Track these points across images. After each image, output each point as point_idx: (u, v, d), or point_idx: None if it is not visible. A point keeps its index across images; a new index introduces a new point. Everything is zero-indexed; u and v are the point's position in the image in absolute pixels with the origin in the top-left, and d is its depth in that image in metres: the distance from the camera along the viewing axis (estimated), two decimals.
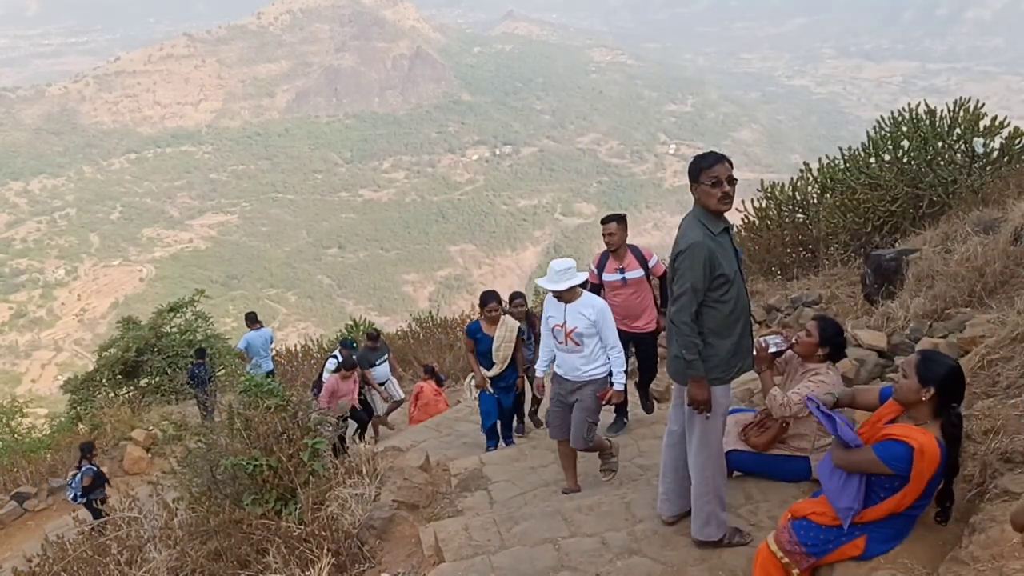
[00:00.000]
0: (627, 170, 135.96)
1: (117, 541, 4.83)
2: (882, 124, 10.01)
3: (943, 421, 2.95)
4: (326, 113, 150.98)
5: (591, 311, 4.75)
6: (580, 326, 4.74)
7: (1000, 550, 2.65)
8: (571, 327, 4.75)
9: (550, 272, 4.76)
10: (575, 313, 4.76)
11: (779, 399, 3.93)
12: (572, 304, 4.80)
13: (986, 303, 5.16)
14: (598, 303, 4.82)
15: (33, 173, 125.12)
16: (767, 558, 3.19)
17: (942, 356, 3.09)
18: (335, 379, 8.85)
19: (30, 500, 9.53)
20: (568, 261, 4.75)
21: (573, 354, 4.81)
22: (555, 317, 4.87)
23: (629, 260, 5.74)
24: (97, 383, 14.77)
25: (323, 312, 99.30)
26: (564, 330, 4.79)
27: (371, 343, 10.13)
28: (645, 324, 5.85)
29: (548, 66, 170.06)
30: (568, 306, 4.80)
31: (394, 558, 4.25)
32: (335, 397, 8.82)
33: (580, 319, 4.75)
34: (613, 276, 5.76)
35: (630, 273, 5.72)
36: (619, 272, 5.74)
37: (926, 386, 2.93)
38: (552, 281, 4.73)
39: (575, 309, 4.77)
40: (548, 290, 4.81)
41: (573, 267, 4.75)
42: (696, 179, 3.39)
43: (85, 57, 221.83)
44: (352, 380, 9.04)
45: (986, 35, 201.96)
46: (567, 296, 4.80)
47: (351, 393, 9.00)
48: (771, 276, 11.17)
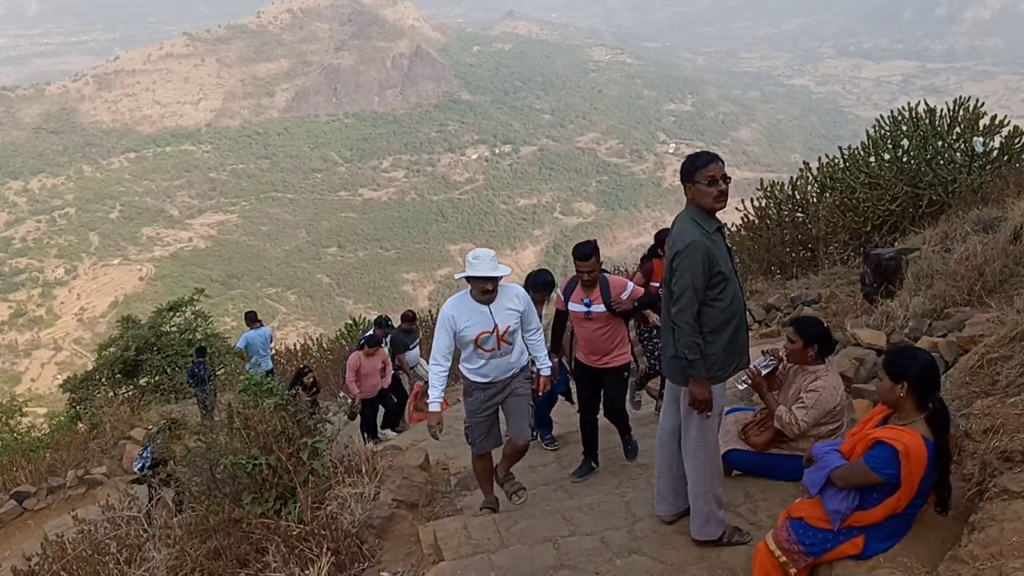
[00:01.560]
0: (627, 169, 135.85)
1: (116, 540, 4.82)
2: (882, 123, 10.02)
3: (927, 414, 2.96)
4: (326, 112, 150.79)
5: (517, 300, 4.30)
6: (512, 323, 4.26)
7: (999, 549, 2.64)
8: (504, 327, 4.23)
9: (479, 260, 4.12)
10: (503, 311, 4.24)
11: (786, 418, 3.95)
12: (496, 303, 4.23)
13: (985, 302, 5.16)
14: (517, 288, 4.40)
15: (33, 172, 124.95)
16: (765, 557, 3.19)
17: (910, 350, 3.11)
18: (358, 356, 8.66)
19: (29, 499, 9.52)
20: (490, 251, 4.20)
21: (505, 356, 4.32)
22: (478, 324, 4.21)
23: (596, 294, 5.03)
24: (96, 382, 14.76)
25: (323, 311, 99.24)
26: (496, 335, 4.22)
27: (407, 324, 9.80)
28: (611, 360, 5.12)
29: (548, 65, 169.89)
30: (493, 307, 4.23)
31: (393, 557, 4.25)
32: (360, 376, 8.65)
33: (510, 315, 4.26)
34: (577, 307, 5.08)
35: (596, 307, 5.02)
36: (584, 304, 5.04)
37: (899, 383, 2.94)
38: (490, 268, 4.11)
39: (502, 307, 4.25)
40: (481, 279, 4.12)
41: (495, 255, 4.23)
42: (691, 179, 3.41)
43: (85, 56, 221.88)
44: (378, 359, 8.81)
45: (985, 35, 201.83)
46: (488, 295, 4.18)
47: (377, 373, 8.77)
48: (771, 275, 11.18)
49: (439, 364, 4.27)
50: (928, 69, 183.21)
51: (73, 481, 9.66)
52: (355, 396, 8.83)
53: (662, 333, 3.66)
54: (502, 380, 4.37)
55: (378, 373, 8.78)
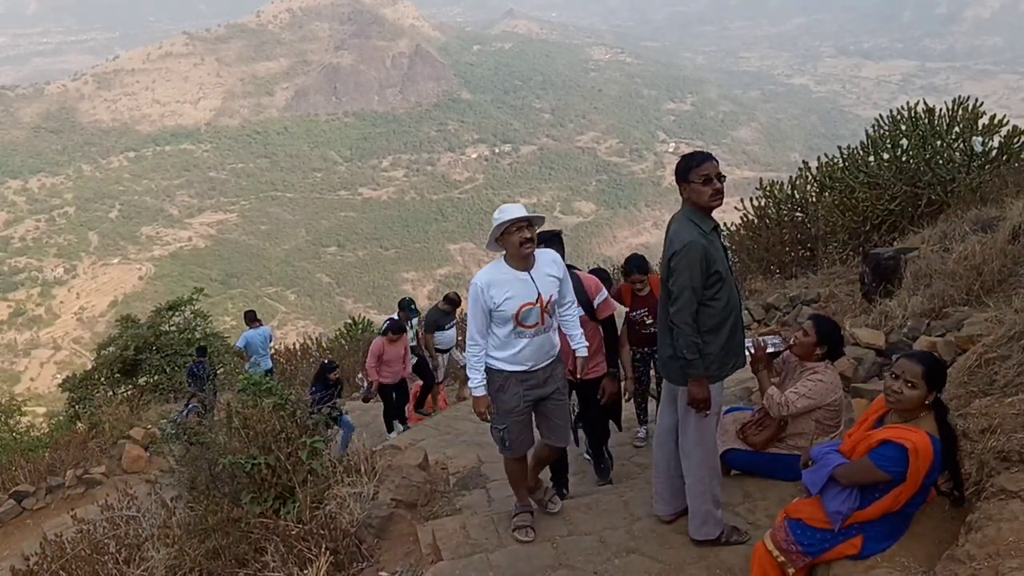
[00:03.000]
0: (626, 168, 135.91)
1: (115, 539, 4.82)
2: (881, 123, 10.01)
3: (936, 412, 2.98)
4: (325, 111, 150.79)
5: (556, 266, 3.69)
6: (554, 291, 3.65)
7: (996, 548, 2.65)
8: (547, 297, 3.60)
9: (508, 207, 3.56)
10: (544, 278, 3.62)
11: (776, 398, 3.95)
12: (537, 269, 3.61)
13: (984, 301, 5.16)
14: (550, 251, 3.78)
15: (32, 171, 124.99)
16: (764, 557, 3.19)
17: (940, 359, 3.15)
18: (382, 342, 8.49)
19: (28, 499, 9.50)
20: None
21: (548, 333, 3.69)
22: (519, 295, 3.55)
23: None
24: (96, 382, 14.76)
25: (322, 310, 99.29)
26: (540, 306, 3.57)
27: (447, 306, 9.46)
28: (588, 371, 4.43)
29: (547, 64, 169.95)
30: (534, 274, 3.60)
31: (392, 556, 4.25)
32: (382, 363, 8.50)
33: (551, 283, 3.64)
34: None
35: None
36: None
37: (932, 391, 2.96)
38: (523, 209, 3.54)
39: (542, 272, 3.62)
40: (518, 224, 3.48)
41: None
42: (686, 178, 3.44)
43: (84, 55, 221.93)
44: (401, 345, 8.59)
45: (985, 34, 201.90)
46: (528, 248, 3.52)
47: (399, 360, 8.61)
48: (770, 275, 11.18)
49: (477, 343, 3.70)
50: (928, 68, 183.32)
51: (72, 481, 9.65)
52: (373, 382, 8.66)
53: (659, 333, 3.66)
54: (543, 368, 3.74)
55: (400, 360, 8.59)
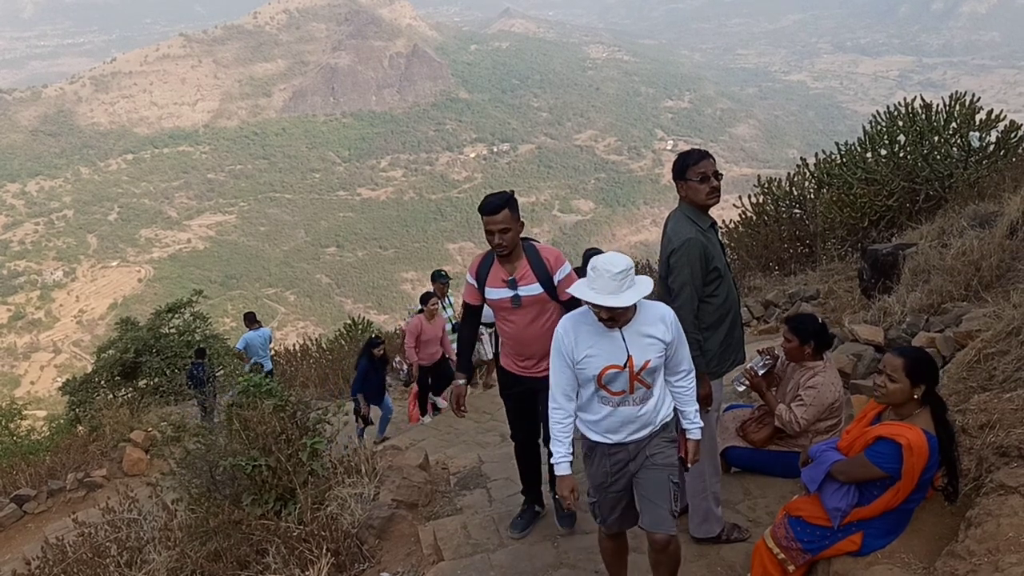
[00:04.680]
0: (625, 167, 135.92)
1: (116, 543, 4.83)
2: (878, 119, 10.02)
3: (931, 407, 2.98)
4: (323, 112, 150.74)
5: (663, 327, 2.93)
6: (652, 357, 2.91)
7: (996, 544, 2.65)
8: (640, 362, 2.90)
9: (596, 274, 2.78)
10: (640, 339, 2.91)
11: (786, 416, 3.98)
12: (631, 327, 2.91)
13: (982, 297, 5.17)
14: (662, 308, 3.00)
15: (30, 175, 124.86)
16: (764, 554, 3.20)
17: (926, 353, 3.13)
18: (419, 320, 8.25)
19: (29, 502, 9.49)
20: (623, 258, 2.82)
21: (639, 405, 2.97)
22: (604, 354, 2.90)
23: (524, 269, 3.69)
24: (96, 384, 14.75)
25: (322, 311, 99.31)
26: (630, 372, 2.90)
27: None
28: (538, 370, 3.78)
29: (545, 63, 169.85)
30: (626, 332, 2.91)
31: (393, 557, 4.25)
32: (420, 342, 8.28)
33: (650, 346, 2.91)
34: (500, 292, 3.72)
35: (525, 288, 3.68)
36: (508, 286, 3.69)
37: (918, 385, 2.96)
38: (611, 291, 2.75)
39: (639, 331, 2.91)
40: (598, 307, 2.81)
41: (632, 266, 2.84)
42: (683, 176, 3.45)
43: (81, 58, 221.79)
44: (439, 325, 8.34)
45: (982, 29, 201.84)
46: (621, 317, 2.85)
47: (437, 340, 8.38)
48: (769, 272, 11.18)
49: (560, 408, 3.02)
50: (925, 64, 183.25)
51: (73, 484, 9.64)
52: (413, 363, 8.47)
53: None
54: (635, 441, 3.02)
55: (438, 340, 8.39)
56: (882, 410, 3.11)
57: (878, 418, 3.11)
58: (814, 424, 3.98)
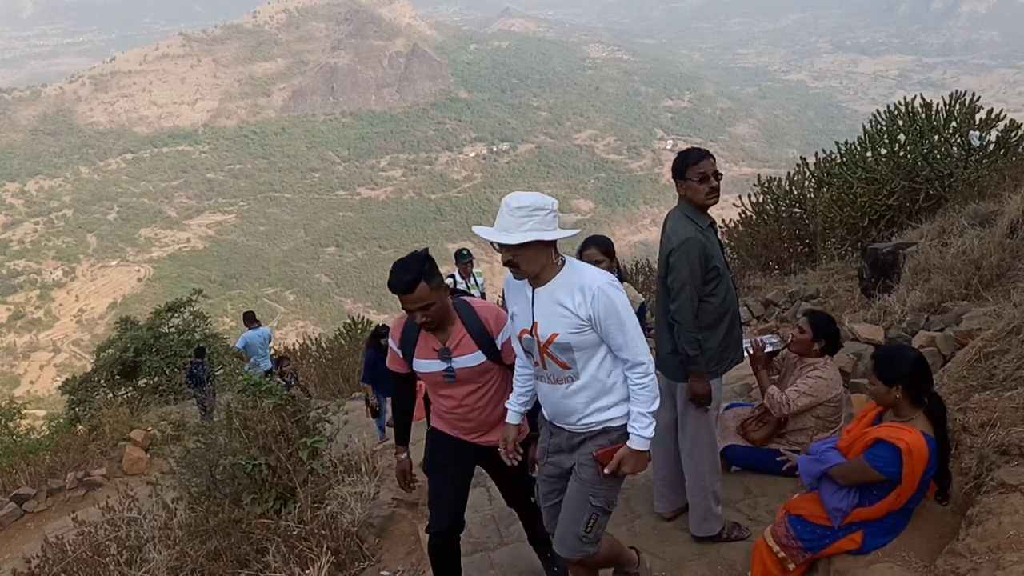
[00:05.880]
0: (624, 166, 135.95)
1: (116, 541, 4.83)
2: (878, 118, 10.01)
3: (925, 408, 2.97)
4: (323, 112, 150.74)
5: (579, 297, 2.47)
6: (561, 331, 2.50)
7: (997, 542, 2.66)
8: (546, 334, 2.52)
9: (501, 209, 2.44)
10: (550, 306, 2.51)
11: (777, 397, 3.96)
12: (545, 289, 2.53)
13: (982, 296, 5.17)
14: (593, 277, 2.52)
15: (30, 174, 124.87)
16: (764, 553, 3.20)
17: (898, 352, 3.11)
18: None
19: (29, 502, 9.50)
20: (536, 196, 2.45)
21: (558, 385, 2.59)
22: (521, 315, 2.62)
23: (459, 335, 2.95)
24: (95, 384, 14.77)
25: (321, 311, 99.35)
26: (535, 339, 2.56)
27: None
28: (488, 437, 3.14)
29: (545, 63, 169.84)
30: (538, 294, 2.55)
31: (393, 556, 4.25)
32: None
33: (562, 317, 2.49)
34: (430, 365, 3.00)
35: (461, 359, 2.96)
36: (440, 357, 2.97)
37: (893, 385, 2.94)
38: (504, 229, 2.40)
39: (550, 297, 2.51)
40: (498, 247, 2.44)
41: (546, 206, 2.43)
42: (682, 175, 3.44)
43: (81, 58, 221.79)
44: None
45: (981, 28, 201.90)
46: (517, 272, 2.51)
47: None
48: (769, 271, 11.18)
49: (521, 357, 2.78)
50: (925, 63, 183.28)
51: (73, 483, 9.65)
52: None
53: (659, 329, 3.67)
54: (567, 431, 2.67)
55: None
56: (883, 410, 3.11)
57: (879, 418, 3.11)
58: (803, 417, 3.98)
